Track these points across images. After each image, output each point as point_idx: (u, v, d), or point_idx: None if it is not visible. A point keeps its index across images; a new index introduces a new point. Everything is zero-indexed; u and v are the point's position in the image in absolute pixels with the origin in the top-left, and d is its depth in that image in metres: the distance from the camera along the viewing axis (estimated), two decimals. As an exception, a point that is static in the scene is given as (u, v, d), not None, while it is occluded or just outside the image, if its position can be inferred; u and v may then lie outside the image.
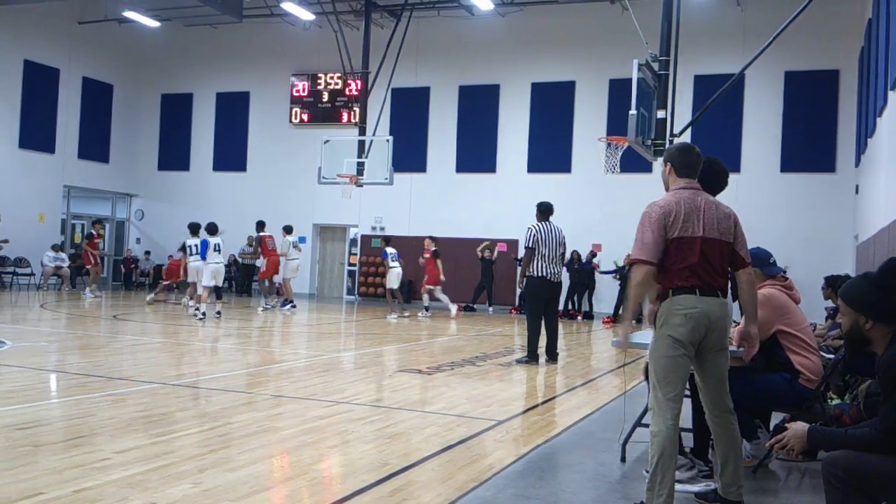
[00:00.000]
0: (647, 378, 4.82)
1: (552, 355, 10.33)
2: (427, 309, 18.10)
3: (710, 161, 4.45)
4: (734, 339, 5.20)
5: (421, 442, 5.65)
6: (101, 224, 21.47)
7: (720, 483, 4.22)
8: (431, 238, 18.27)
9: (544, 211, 10.38)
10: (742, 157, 20.07)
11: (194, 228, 16.04)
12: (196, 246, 15.57)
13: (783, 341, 5.05)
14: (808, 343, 5.08)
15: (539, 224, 10.19)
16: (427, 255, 17.99)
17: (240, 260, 23.89)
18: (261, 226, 18.13)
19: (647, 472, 4.09)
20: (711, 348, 4.10)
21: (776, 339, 5.07)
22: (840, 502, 3.06)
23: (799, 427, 3.33)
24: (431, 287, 18.00)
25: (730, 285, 4.49)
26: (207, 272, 15.09)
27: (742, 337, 4.46)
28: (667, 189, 4.35)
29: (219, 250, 15.40)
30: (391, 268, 17.59)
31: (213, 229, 15.49)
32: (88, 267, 20.33)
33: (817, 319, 11.11)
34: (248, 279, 23.79)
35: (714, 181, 4.42)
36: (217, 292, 16.77)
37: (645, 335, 4.91)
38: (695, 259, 4.06)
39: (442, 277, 17.92)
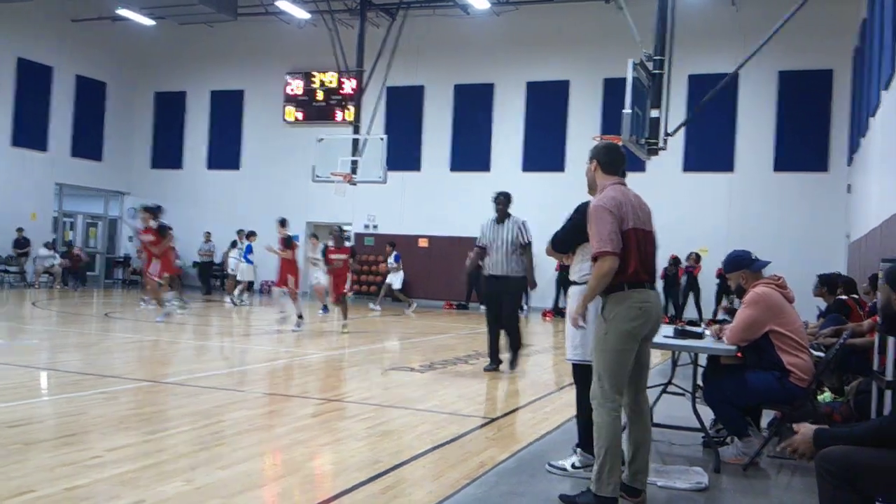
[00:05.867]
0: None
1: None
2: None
3: None
4: (725, 336, 5.23)
5: (413, 440, 5.65)
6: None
7: (628, 470, 4.28)
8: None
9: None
10: (735, 156, 20.12)
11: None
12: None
13: (775, 341, 5.07)
14: (800, 343, 5.10)
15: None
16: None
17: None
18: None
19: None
20: (647, 338, 4.27)
21: (768, 339, 5.09)
22: (831, 497, 3.04)
23: (805, 431, 3.27)
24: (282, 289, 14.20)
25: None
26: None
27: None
28: (591, 185, 4.49)
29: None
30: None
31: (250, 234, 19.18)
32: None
33: (809, 318, 11.13)
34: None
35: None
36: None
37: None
38: (651, 251, 4.26)
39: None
